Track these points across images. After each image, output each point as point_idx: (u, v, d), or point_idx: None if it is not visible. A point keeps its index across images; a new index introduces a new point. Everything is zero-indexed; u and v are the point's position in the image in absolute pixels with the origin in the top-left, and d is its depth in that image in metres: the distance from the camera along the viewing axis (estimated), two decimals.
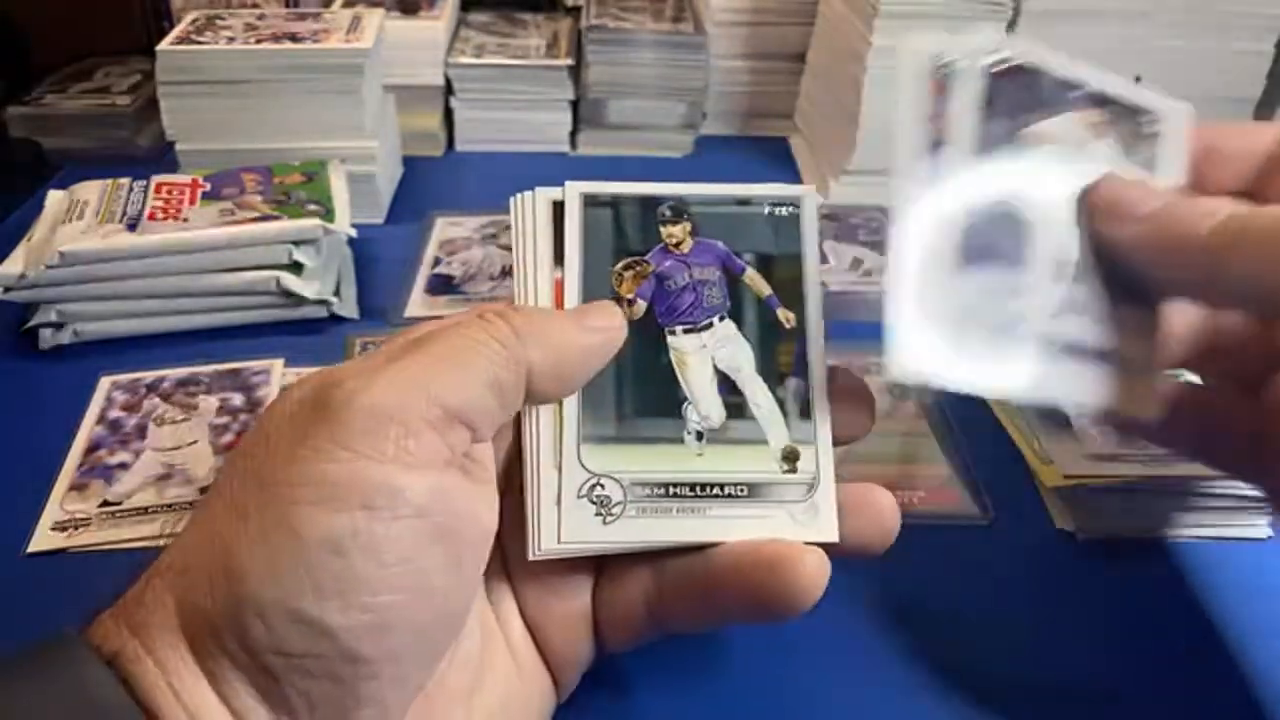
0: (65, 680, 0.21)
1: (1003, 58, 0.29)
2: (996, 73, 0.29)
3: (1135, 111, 0.30)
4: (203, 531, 0.23)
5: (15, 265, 0.48)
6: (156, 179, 0.54)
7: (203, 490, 0.41)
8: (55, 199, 0.53)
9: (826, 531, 0.28)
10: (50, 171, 0.68)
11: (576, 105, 0.74)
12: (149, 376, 0.47)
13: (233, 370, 0.48)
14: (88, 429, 0.44)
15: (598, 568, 0.29)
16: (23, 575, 0.37)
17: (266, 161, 0.57)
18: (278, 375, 0.48)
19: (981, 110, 0.28)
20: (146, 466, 0.42)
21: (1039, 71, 0.29)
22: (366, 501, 0.22)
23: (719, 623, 0.28)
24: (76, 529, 0.39)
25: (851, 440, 0.30)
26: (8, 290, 0.48)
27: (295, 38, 0.61)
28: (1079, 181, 0.29)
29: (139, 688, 0.21)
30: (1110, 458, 0.40)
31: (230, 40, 0.60)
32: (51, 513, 0.40)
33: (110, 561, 0.38)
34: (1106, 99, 0.30)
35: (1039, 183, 0.29)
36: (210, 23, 0.63)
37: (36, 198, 0.61)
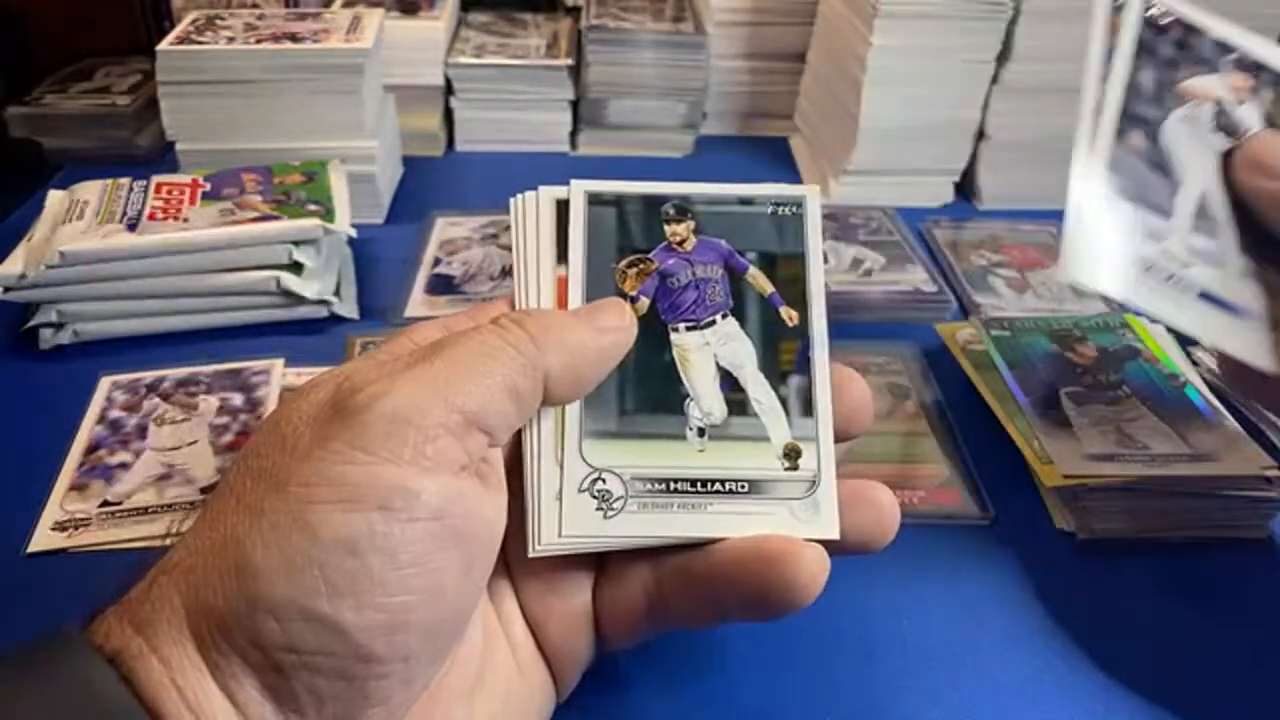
0: (66, 679, 0.20)
1: (1166, 9, 0.30)
2: (1157, 24, 0.30)
3: None
4: (212, 530, 0.23)
5: (15, 265, 0.48)
6: (156, 179, 0.54)
7: (203, 490, 0.41)
8: (55, 199, 0.53)
9: (827, 528, 0.28)
10: (50, 171, 0.68)
11: (576, 105, 0.74)
12: (149, 376, 0.47)
13: (233, 370, 0.48)
14: (88, 429, 0.44)
15: (598, 565, 0.29)
16: (23, 575, 0.37)
17: (266, 161, 0.57)
18: (278, 375, 0.48)
19: (1138, 57, 0.30)
20: (147, 466, 0.42)
21: (1199, 29, 0.31)
22: (383, 503, 0.22)
23: (719, 619, 0.28)
24: (76, 529, 0.39)
25: (851, 438, 0.30)
26: (8, 290, 0.48)
27: (295, 38, 0.61)
28: (1224, 140, 0.30)
29: (142, 685, 0.21)
30: (1110, 458, 0.41)
31: (230, 40, 0.60)
32: (51, 513, 0.40)
33: (110, 561, 0.38)
34: (1260, 65, 0.31)
35: (1187, 137, 0.30)
36: (210, 23, 0.63)
37: (36, 198, 0.61)
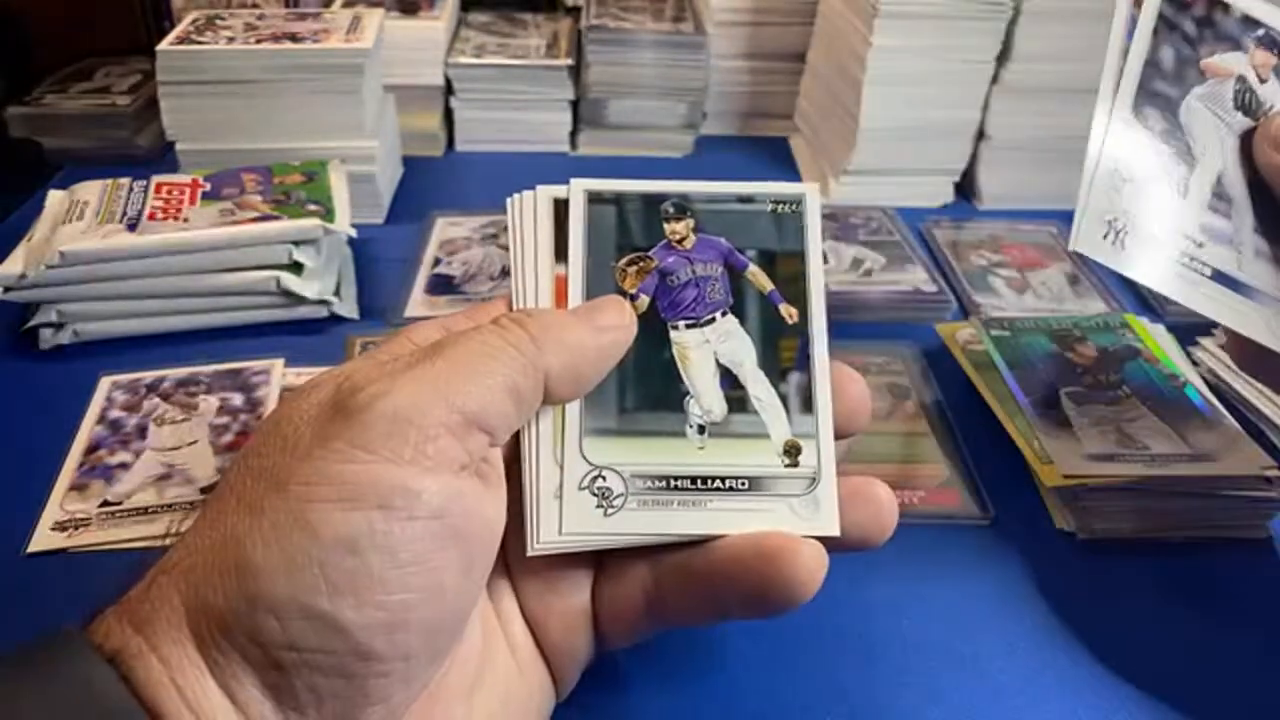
0: (66, 678, 0.20)
1: None
2: (1180, 0, 0.30)
3: None
4: (212, 529, 0.23)
5: (15, 265, 0.48)
6: (156, 179, 0.54)
7: (203, 490, 0.41)
8: (55, 199, 0.53)
9: (827, 525, 0.28)
10: (50, 171, 0.68)
11: (576, 105, 0.74)
12: (149, 376, 0.47)
13: (233, 370, 0.48)
14: (88, 429, 0.44)
15: (597, 563, 0.29)
16: (23, 575, 0.37)
17: (266, 161, 0.57)
18: (278, 375, 0.48)
19: (1159, 32, 0.30)
20: (147, 466, 0.42)
21: (1225, 4, 0.30)
22: (383, 502, 0.22)
23: (718, 616, 0.28)
24: (76, 529, 0.39)
25: (850, 436, 0.30)
26: (8, 290, 0.48)
27: (295, 38, 0.61)
28: (1245, 119, 0.30)
29: (141, 685, 0.21)
30: (1110, 458, 0.41)
31: (230, 40, 0.60)
32: (51, 513, 0.40)
33: (110, 561, 0.38)
34: None
35: (1206, 114, 0.30)
36: (210, 23, 0.63)
37: (36, 198, 0.61)
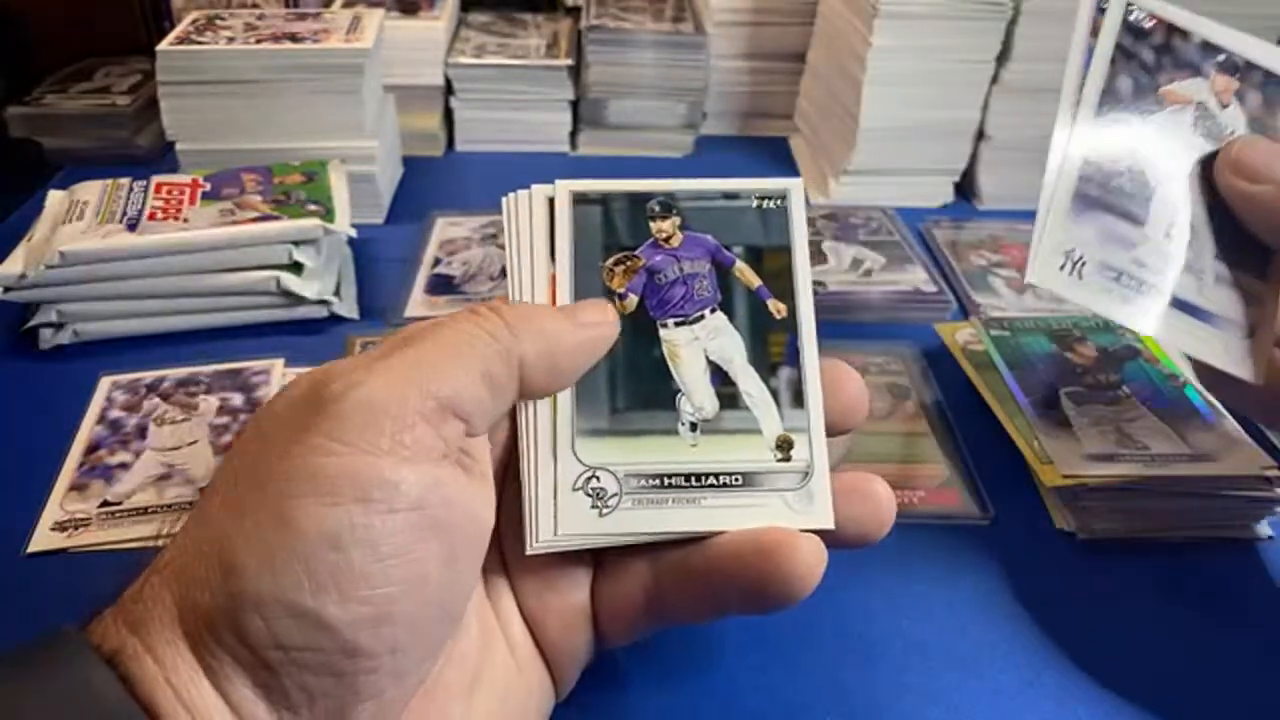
0: (65, 679, 0.20)
1: (1149, 11, 0.30)
2: (1139, 28, 0.29)
3: (1273, 80, 0.31)
4: (200, 529, 0.23)
5: (15, 265, 0.48)
6: (156, 179, 0.54)
7: (203, 490, 0.41)
8: (55, 199, 0.53)
9: (822, 518, 0.28)
10: (50, 171, 0.68)
11: (576, 105, 0.74)
12: (149, 376, 0.47)
13: (233, 370, 0.48)
14: (88, 429, 0.44)
15: (595, 562, 0.29)
16: (23, 575, 0.37)
17: (266, 161, 0.57)
18: (278, 375, 0.48)
19: (1116, 61, 0.29)
20: (146, 466, 0.42)
21: (1184, 31, 0.30)
22: (362, 495, 0.22)
23: (717, 613, 0.28)
24: (76, 529, 0.39)
25: (847, 432, 0.30)
26: (8, 290, 0.48)
27: (295, 38, 0.61)
28: (1205, 145, 0.30)
29: (138, 685, 0.21)
30: (1110, 458, 0.41)
31: (230, 40, 0.60)
32: (51, 513, 0.40)
33: (110, 561, 0.38)
34: (1248, 65, 0.31)
35: (1165, 142, 0.30)
36: (210, 23, 0.63)
37: (36, 198, 0.61)
